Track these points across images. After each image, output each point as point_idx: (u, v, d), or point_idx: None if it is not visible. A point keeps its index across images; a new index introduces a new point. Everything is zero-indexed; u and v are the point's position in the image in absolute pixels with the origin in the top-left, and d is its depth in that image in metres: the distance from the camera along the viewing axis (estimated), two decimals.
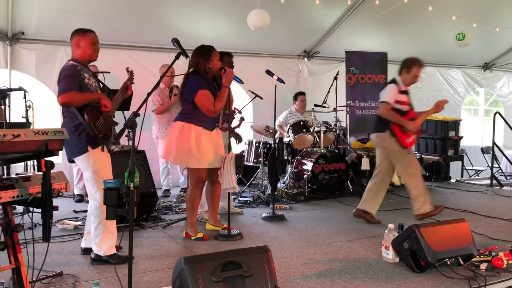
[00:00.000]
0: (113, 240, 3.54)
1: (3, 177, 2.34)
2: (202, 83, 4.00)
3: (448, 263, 3.30)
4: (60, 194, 2.40)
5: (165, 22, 6.58)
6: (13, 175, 2.52)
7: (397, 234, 3.54)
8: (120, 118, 5.41)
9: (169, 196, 6.22)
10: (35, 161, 2.45)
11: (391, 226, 3.63)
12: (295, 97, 7.14)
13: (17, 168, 5.48)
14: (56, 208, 2.35)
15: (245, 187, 6.66)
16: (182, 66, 5.00)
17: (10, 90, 2.89)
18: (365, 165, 6.29)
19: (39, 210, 2.36)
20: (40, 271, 2.76)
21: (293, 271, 3.35)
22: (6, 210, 2.49)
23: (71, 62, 3.50)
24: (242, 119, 5.48)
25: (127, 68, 4.06)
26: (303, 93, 7.22)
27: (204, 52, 4.07)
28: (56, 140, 2.24)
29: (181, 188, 6.35)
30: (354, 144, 7.36)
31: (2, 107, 2.82)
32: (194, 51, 4.07)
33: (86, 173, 3.47)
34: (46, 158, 2.28)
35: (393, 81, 4.83)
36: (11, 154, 2.24)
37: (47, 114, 6.60)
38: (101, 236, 3.46)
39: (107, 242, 3.48)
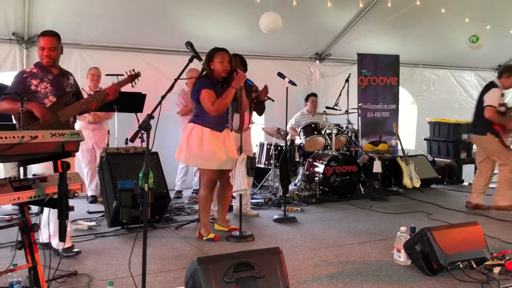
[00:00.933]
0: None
1: (21, 177, 2.39)
2: (208, 83, 4.06)
3: (461, 266, 3.29)
4: (76, 195, 2.44)
5: (179, 25, 6.64)
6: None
7: (409, 236, 3.54)
8: (131, 119, 5.53)
9: (181, 197, 6.27)
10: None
11: (403, 228, 3.63)
12: (307, 98, 7.18)
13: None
14: (72, 208, 2.39)
15: (256, 189, 6.68)
16: None
17: (28, 92, 2.95)
18: (377, 167, 6.27)
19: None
20: (56, 270, 2.80)
21: (304, 273, 3.37)
22: (23, 210, 2.55)
23: (28, 68, 3.66)
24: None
25: (121, 75, 3.99)
26: (314, 94, 7.25)
27: (208, 54, 4.14)
28: (72, 141, 2.29)
29: (193, 190, 6.39)
30: (366, 147, 7.35)
31: (21, 108, 2.89)
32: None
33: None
34: (63, 159, 2.33)
35: (494, 85, 5.32)
36: (29, 155, 2.29)
37: None
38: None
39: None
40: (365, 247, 4.03)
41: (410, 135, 9.23)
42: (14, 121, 3.47)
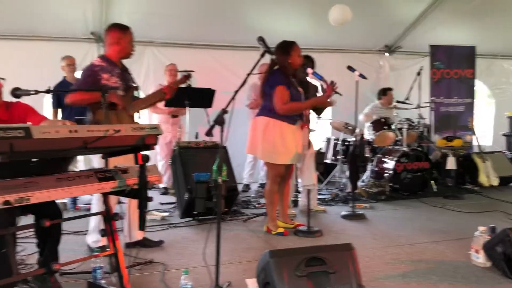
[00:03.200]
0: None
1: (105, 169, 2.52)
2: (283, 79, 4.04)
3: None
4: (154, 186, 2.54)
5: (247, 21, 6.71)
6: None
7: (488, 237, 3.35)
8: (202, 115, 5.66)
9: (248, 191, 6.35)
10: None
11: (482, 228, 3.44)
12: (384, 92, 6.96)
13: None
14: (151, 199, 2.50)
15: (323, 184, 6.62)
16: None
17: (108, 88, 3.10)
18: (450, 164, 6.00)
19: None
20: (135, 258, 2.94)
21: (376, 270, 3.29)
22: (106, 200, 2.70)
23: (95, 60, 3.58)
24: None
25: (193, 71, 4.10)
26: (391, 89, 7.03)
27: (284, 48, 4.11)
28: (152, 135, 2.37)
29: (260, 184, 6.45)
30: (439, 142, 7.04)
31: (103, 104, 3.05)
32: (276, 48, 4.10)
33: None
34: (143, 152, 2.44)
35: None
36: (112, 148, 2.41)
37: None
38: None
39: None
40: (439, 247, 3.88)
41: (487, 130, 8.74)
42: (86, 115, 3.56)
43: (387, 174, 6.01)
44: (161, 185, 6.24)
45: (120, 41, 3.59)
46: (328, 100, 4.32)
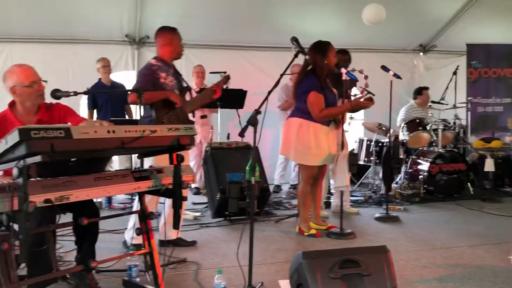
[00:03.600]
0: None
1: (141, 169, 2.57)
2: (316, 84, 4.00)
3: None
4: (189, 186, 2.56)
5: (279, 22, 6.70)
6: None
7: None
8: (234, 116, 5.70)
9: (280, 192, 6.34)
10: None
11: None
12: (420, 92, 6.81)
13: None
14: (185, 198, 2.53)
15: (355, 186, 6.54)
16: None
17: (145, 90, 3.15)
18: (488, 166, 5.82)
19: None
20: (170, 257, 2.98)
21: (411, 274, 3.23)
22: (141, 199, 2.74)
23: (152, 60, 3.64)
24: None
25: (224, 72, 4.12)
26: (427, 88, 6.87)
27: (320, 48, 4.07)
28: (187, 135, 2.40)
29: (291, 185, 6.44)
30: (477, 144, 6.84)
31: (139, 105, 3.10)
32: (310, 48, 4.07)
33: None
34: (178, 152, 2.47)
35: None
36: (148, 148, 2.46)
37: None
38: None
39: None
40: (477, 251, 3.77)
41: None
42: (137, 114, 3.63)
43: (422, 176, 5.89)
44: (193, 185, 6.30)
45: (172, 42, 3.69)
46: (365, 101, 4.25)
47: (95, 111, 5.91)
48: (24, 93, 2.73)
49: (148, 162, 2.94)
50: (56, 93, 2.76)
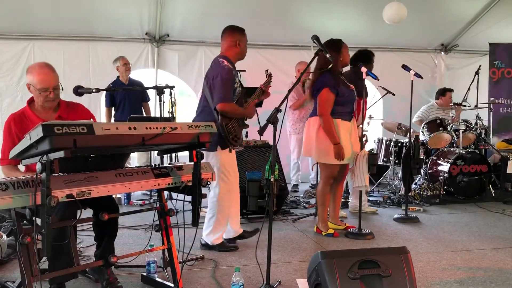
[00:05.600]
0: (222, 232, 3.70)
1: (161, 165, 2.58)
2: (331, 81, 3.97)
3: None
4: (208, 183, 2.57)
5: (298, 20, 6.68)
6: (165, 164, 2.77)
7: None
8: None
9: (298, 191, 6.32)
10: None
11: None
12: (443, 93, 6.70)
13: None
14: (205, 195, 2.54)
15: (374, 186, 6.48)
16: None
17: (166, 87, 3.16)
18: (511, 168, 5.71)
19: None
20: (188, 254, 2.98)
21: (431, 276, 3.18)
22: (160, 195, 2.76)
23: (227, 63, 3.49)
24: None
25: (267, 70, 4.05)
26: (451, 90, 6.76)
27: (333, 46, 4.01)
28: (206, 133, 2.41)
29: (311, 184, 6.41)
30: (499, 145, 6.72)
31: (159, 102, 3.11)
32: (324, 46, 4.01)
33: None
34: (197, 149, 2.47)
35: None
36: (168, 145, 2.47)
37: (185, 111, 7.09)
38: (211, 228, 3.64)
39: (215, 234, 3.65)
40: (499, 254, 3.69)
41: None
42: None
43: (442, 177, 5.80)
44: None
45: (240, 43, 3.64)
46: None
47: (112, 108, 5.99)
48: (34, 94, 2.78)
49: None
50: (78, 90, 2.79)
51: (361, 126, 4.35)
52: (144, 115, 6.12)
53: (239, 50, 3.63)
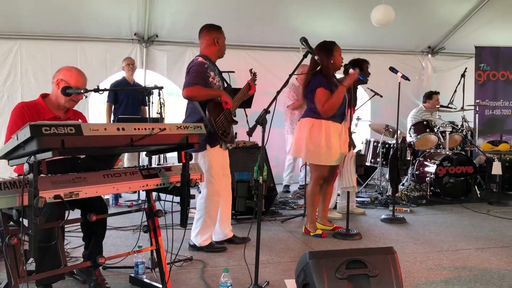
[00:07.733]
0: (210, 233, 3.72)
1: (149, 166, 2.58)
2: (323, 81, 4.00)
3: None
4: (197, 184, 2.57)
5: (287, 22, 6.71)
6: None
7: None
8: (241, 116, 5.70)
9: (289, 192, 6.35)
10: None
11: None
12: (430, 96, 6.77)
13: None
14: (193, 196, 2.53)
15: (361, 187, 6.53)
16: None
17: (154, 88, 3.15)
18: (496, 169, 5.79)
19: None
20: (176, 255, 2.98)
21: (417, 276, 3.22)
22: (148, 196, 2.76)
23: (200, 58, 3.56)
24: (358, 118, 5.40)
25: (251, 69, 4.08)
26: (438, 93, 6.84)
27: (326, 48, 4.06)
28: (195, 134, 2.41)
29: (300, 185, 6.44)
30: (484, 147, 6.81)
31: (147, 103, 3.11)
32: (316, 48, 4.05)
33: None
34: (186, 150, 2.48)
35: None
36: (157, 146, 2.47)
37: (174, 111, 7.09)
38: (199, 229, 3.66)
39: (203, 235, 3.66)
40: (484, 254, 3.75)
41: None
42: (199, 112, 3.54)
43: (429, 178, 5.87)
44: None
45: (218, 41, 3.64)
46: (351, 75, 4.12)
47: (113, 105, 6.07)
48: (59, 91, 2.82)
49: None
50: (67, 90, 2.78)
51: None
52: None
53: (218, 47, 3.63)
